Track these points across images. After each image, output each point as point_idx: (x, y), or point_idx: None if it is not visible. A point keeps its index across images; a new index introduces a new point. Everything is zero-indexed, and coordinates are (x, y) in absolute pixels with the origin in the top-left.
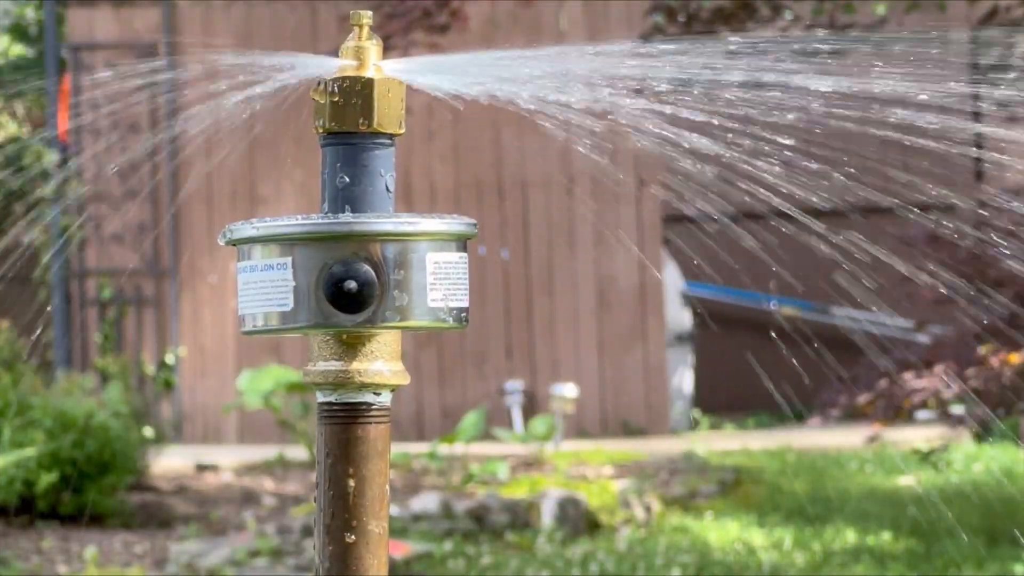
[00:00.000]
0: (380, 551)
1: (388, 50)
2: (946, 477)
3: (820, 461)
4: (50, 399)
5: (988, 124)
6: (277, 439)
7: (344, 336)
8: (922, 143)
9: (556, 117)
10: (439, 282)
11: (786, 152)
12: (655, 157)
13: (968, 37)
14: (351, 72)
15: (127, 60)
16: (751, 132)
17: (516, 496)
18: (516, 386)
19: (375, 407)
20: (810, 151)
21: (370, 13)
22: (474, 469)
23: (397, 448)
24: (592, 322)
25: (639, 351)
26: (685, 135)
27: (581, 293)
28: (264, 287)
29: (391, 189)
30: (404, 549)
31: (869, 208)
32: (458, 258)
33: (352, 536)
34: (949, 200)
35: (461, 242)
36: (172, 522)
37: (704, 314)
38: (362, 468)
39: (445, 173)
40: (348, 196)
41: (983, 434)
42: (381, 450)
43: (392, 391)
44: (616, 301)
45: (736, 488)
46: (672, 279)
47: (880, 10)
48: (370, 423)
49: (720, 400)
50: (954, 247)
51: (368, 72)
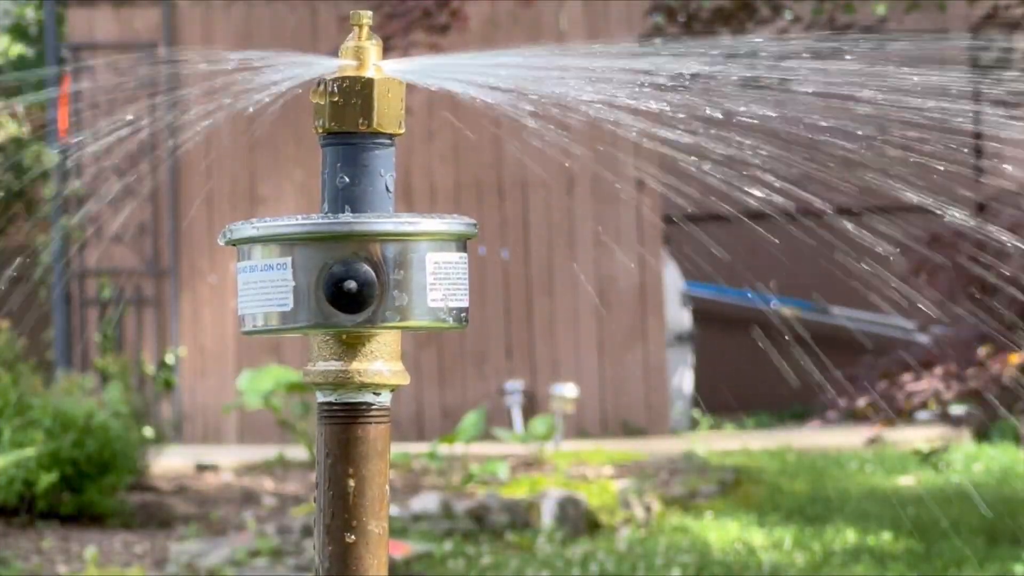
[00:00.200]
0: (380, 551)
1: (388, 50)
2: (946, 477)
3: (820, 461)
4: (50, 399)
5: (988, 124)
6: (277, 439)
7: (344, 336)
8: (921, 143)
9: (555, 118)
10: (439, 282)
11: (784, 152)
12: (655, 157)
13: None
14: (351, 72)
15: (127, 60)
16: (750, 132)
17: (516, 496)
18: (516, 386)
19: (375, 407)
20: (809, 151)
21: (370, 13)
22: (474, 469)
23: (397, 448)
24: (592, 322)
25: (639, 351)
26: (685, 135)
27: (581, 293)
28: (264, 287)
29: (391, 189)
30: (404, 549)
31: (869, 208)
32: (458, 258)
33: (352, 536)
34: (949, 200)
35: (461, 242)
36: (172, 522)
37: (703, 314)
38: (362, 468)
39: (445, 173)
40: (348, 196)
41: (983, 434)
42: (381, 450)
43: (392, 391)
44: (616, 301)
45: (736, 488)
46: (672, 279)
47: (880, 10)
48: (370, 423)
49: (720, 400)
50: (955, 247)
51: (368, 72)
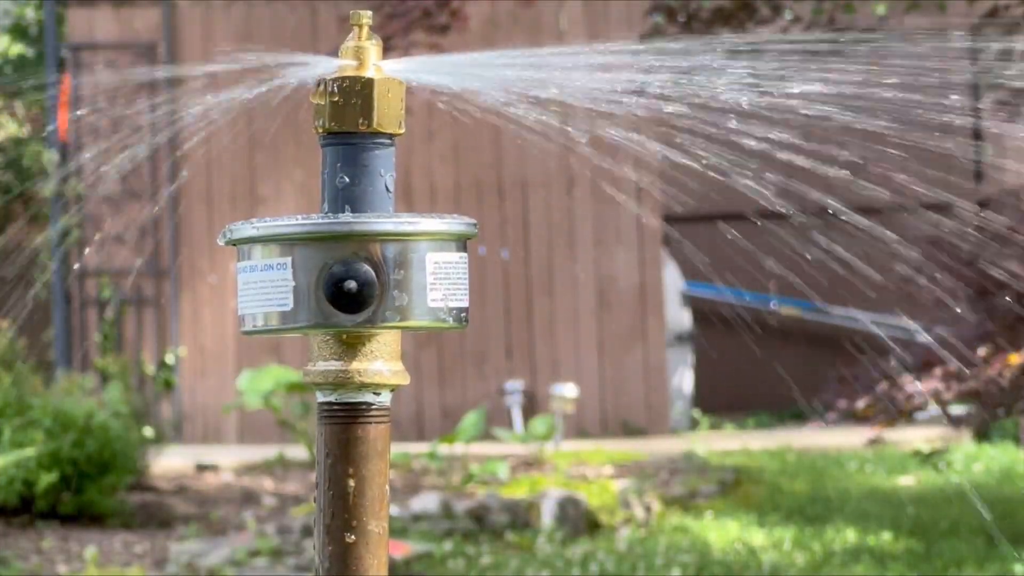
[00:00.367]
0: (380, 551)
1: (389, 51)
2: (946, 477)
3: (820, 461)
4: (50, 399)
5: (988, 124)
6: (277, 439)
7: (344, 336)
8: (921, 143)
9: (555, 119)
10: (439, 282)
11: (786, 151)
12: (655, 156)
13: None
14: (351, 72)
15: (127, 60)
16: (750, 132)
17: (516, 496)
18: (516, 386)
19: (375, 407)
20: (807, 151)
21: (370, 13)
22: (474, 469)
23: (397, 448)
24: (592, 322)
25: (639, 351)
26: (685, 134)
27: (581, 293)
28: (264, 287)
29: (391, 189)
30: (404, 549)
31: (869, 208)
32: (458, 258)
33: (352, 536)
34: (948, 200)
35: (461, 242)
36: (172, 522)
37: (704, 313)
38: (362, 468)
39: (445, 173)
40: (348, 196)
41: (983, 434)
42: (381, 450)
43: (392, 391)
44: (616, 301)
45: (736, 488)
46: (672, 279)
47: (880, 10)
48: (370, 423)
49: (720, 400)
50: (955, 248)
51: (368, 72)
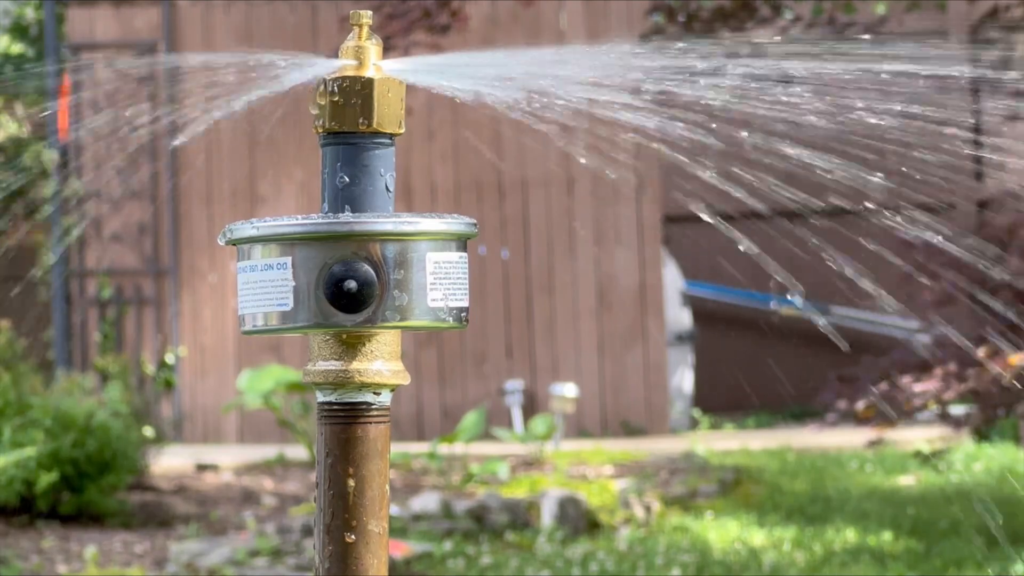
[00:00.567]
0: (380, 551)
1: (389, 50)
2: (946, 477)
3: (820, 461)
4: (50, 399)
5: (988, 124)
6: (277, 439)
7: (344, 336)
8: (921, 143)
9: (555, 118)
10: (439, 282)
11: (785, 152)
12: (655, 156)
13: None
14: (351, 72)
15: (127, 59)
16: (748, 132)
17: (516, 496)
18: (516, 386)
19: (375, 407)
20: (807, 151)
21: (370, 13)
22: (474, 469)
23: (397, 448)
24: (592, 322)
25: (639, 351)
26: (684, 134)
27: (581, 293)
28: (264, 287)
29: (391, 189)
30: (404, 549)
31: (869, 208)
32: (458, 258)
33: (352, 536)
34: (948, 201)
35: (461, 242)
36: (172, 522)
37: (704, 313)
38: (362, 468)
39: (445, 173)
40: (348, 196)
41: (983, 434)
42: (381, 450)
43: (392, 391)
44: (616, 301)
45: (736, 488)
46: (672, 279)
47: (880, 10)
48: (370, 423)
49: (720, 400)
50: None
51: (368, 72)
